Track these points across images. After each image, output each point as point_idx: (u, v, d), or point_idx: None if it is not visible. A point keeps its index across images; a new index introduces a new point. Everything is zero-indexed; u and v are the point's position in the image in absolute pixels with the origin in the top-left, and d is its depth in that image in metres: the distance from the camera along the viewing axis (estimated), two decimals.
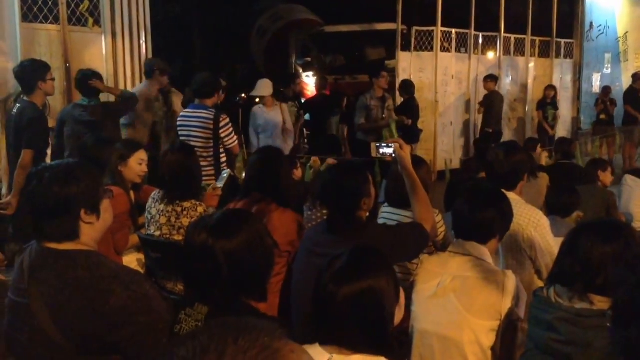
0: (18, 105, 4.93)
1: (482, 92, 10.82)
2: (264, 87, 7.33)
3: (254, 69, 14.01)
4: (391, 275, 1.89)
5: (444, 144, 10.76)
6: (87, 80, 5.57)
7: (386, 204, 3.78)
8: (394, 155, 2.97)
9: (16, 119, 4.86)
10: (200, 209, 3.53)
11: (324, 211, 3.44)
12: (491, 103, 10.27)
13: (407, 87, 9.43)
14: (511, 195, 3.11)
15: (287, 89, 8.97)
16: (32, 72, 4.90)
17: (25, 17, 6.40)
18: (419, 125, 9.53)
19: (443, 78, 10.56)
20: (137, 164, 3.95)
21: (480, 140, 10.18)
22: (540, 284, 3.12)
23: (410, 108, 9.18)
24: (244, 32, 14.65)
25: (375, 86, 8.29)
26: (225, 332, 0.88)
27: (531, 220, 3.20)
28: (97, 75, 5.68)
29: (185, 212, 3.52)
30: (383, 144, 3.04)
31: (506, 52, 11.74)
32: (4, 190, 5.17)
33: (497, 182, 3.21)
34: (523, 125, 12.35)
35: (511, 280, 2.52)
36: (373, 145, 3.09)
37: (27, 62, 5.14)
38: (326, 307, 1.83)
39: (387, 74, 8.65)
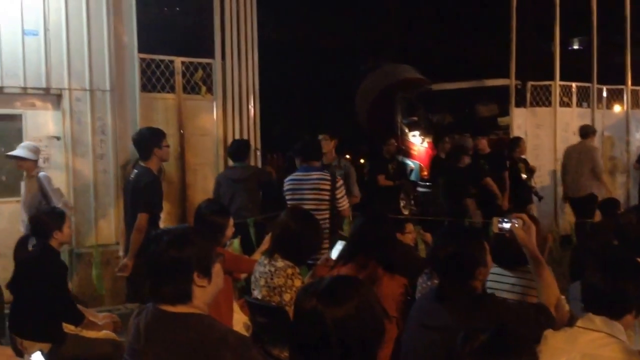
0: (135, 170, 5.13)
1: (608, 148, 10.38)
2: None
3: (357, 130, 14.12)
4: None
5: (568, 206, 10.11)
6: (241, 148, 6.56)
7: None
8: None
9: (133, 184, 5.05)
10: (289, 270, 3.47)
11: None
12: None
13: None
14: None
15: (382, 150, 9.66)
16: (148, 139, 5.10)
17: (144, 87, 6.79)
18: (538, 185, 9.20)
19: (563, 134, 10.02)
20: None
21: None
22: None
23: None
24: (349, 93, 14.81)
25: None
26: None
27: None
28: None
29: (277, 272, 3.48)
30: (505, 219, 2.84)
31: (634, 104, 11.08)
32: (120, 253, 5.34)
33: (629, 249, 2.92)
34: None
35: None
36: (495, 220, 2.88)
37: (144, 130, 5.40)
38: None
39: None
